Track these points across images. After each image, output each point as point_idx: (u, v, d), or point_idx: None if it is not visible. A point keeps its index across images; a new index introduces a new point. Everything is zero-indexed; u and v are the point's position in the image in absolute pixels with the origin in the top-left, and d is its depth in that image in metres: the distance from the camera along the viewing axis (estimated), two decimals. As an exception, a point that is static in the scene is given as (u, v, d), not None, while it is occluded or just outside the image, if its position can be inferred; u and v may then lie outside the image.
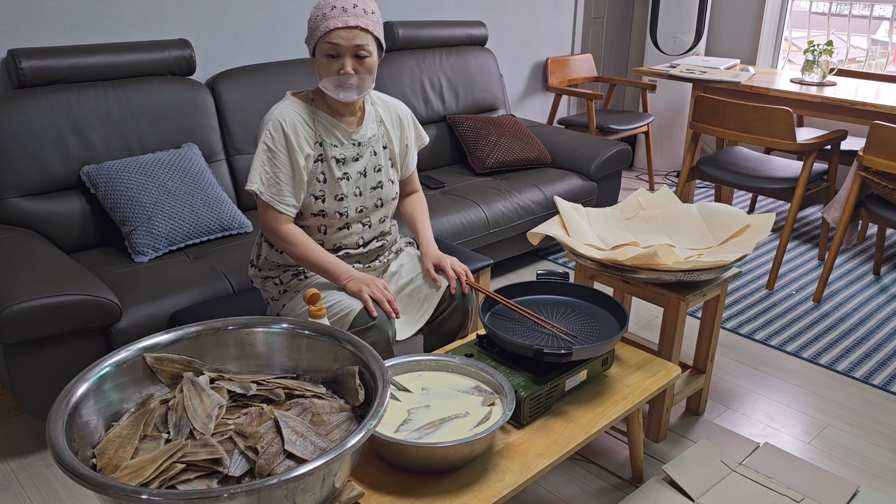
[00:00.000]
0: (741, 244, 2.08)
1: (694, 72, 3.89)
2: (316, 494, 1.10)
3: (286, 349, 1.40)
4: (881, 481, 2.06)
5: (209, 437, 1.15)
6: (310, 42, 1.82)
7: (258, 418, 1.20)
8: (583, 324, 1.82)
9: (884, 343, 2.76)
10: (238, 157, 2.92)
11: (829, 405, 2.41)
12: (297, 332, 1.40)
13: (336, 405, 1.29)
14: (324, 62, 1.80)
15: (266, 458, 1.12)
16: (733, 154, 3.55)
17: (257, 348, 1.40)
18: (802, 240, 3.76)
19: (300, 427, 1.19)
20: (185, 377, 1.28)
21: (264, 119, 1.86)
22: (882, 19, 4.72)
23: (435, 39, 3.67)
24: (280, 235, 1.85)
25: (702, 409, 2.32)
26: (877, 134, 2.77)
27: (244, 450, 1.14)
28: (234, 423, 1.20)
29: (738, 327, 2.88)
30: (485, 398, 1.56)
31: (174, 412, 1.21)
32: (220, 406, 1.23)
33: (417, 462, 1.43)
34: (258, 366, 1.40)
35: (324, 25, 1.76)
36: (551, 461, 1.50)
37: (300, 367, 1.40)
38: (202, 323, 1.39)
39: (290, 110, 1.85)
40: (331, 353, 1.37)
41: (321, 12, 1.77)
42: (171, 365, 1.32)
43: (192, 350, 1.36)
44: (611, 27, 5.10)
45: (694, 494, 1.94)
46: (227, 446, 1.15)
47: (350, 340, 1.35)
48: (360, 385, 1.29)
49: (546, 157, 3.53)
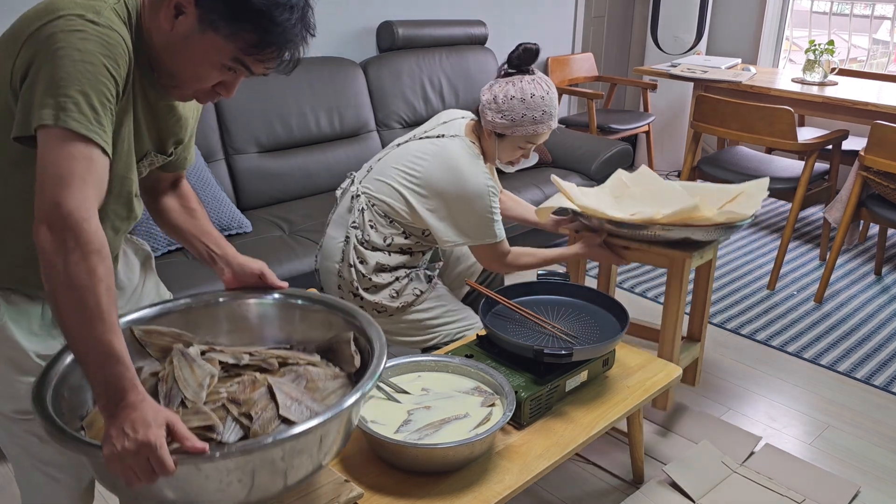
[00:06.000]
0: (746, 203, 2.09)
1: (695, 71, 3.88)
2: (313, 457, 1.07)
3: (279, 320, 1.36)
4: (882, 482, 2.05)
5: (201, 405, 1.11)
6: (508, 130, 1.91)
7: (251, 386, 1.16)
8: (583, 324, 1.82)
9: (885, 344, 2.76)
10: (237, 157, 2.92)
11: (831, 406, 2.40)
12: (289, 301, 1.36)
13: (331, 372, 1.25)
14: (511, 148, 1.95)
15: (261, 423, 1.09)
16: (734, 154, 3.55)
17: (249, 321, 1.36)
18: (804, 240, 3.76)
19: (295, 392, 1.16)
20: (175, 348, 1.23)
21: (476, 186, 1.90)
22: (883, 19, 4.71)
23: (435, 39, 3.66)
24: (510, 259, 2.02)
25: (697, 381, 2.33)
26: (878, 134, 2.77)
27: (238, 416, 1.10)
28: (227, 392, 1.16)
29: (739, 327, 2.87)
30: (485, 399, 1.56)
31: (164, 383, 1.16)
32: (212, 375, 1.18)
33: (417, 463, 1.43)
34: (251, 338, 1.36)
35: (534, 129, 1.91)
36: (552, 462, 1.50)
37: (294, 339, 1.36)
38: (191, 295, 1.34)
39: (489, 177, 1.94)
40: (325, 322, 1.33)
41: (532, 114, 1.88)
42: (161, 338, 1.27)
43: (181, 324, 1.31)
44: (611, 26, 5.10)
45: (695, 495, 1.93)
46: (219, 414, 1.11)
47: (343, 307, 1.32)
48: (355, 351, 1.26)
49: (546, 157, 3.53)
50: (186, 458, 0.96)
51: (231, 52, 1.09)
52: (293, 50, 1.13)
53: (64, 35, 1.01)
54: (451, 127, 2.01)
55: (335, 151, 3.20)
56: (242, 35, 1.07)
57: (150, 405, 0.98)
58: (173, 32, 1.09)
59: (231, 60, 1.10)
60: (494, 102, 1.89)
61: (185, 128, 1.31)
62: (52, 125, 0.98)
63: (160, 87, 1.18)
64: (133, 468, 0.95)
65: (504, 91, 1.88)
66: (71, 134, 0.98)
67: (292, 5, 1.09)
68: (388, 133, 3.41)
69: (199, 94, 1.18)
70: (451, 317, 2.05)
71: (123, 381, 0.98)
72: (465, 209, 1.91)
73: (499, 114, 1.88)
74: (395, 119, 3.45)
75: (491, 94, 1.90)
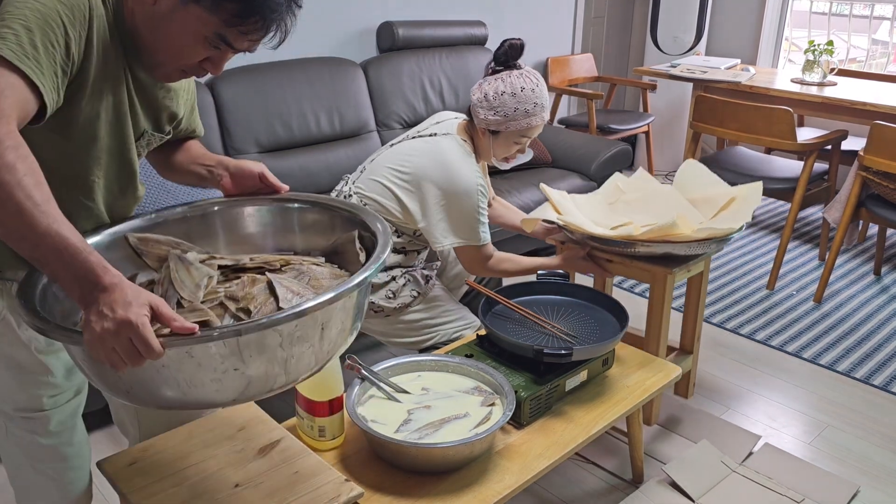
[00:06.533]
0: (737, 213, 2.07)
1: (694, 72, 3.89)
2: (315, 347, 0.99)
3: (279, 227, 1.29)
4: (882, 482, 2.05)
5: (198, 303, 1.05)
6: (501, 126, 1.90)
7: (250, 283, 1.10)
8: (583, 324, 1.82)
9: (884, 343, 2.76)
10: (237, 158, 2.91)
11: (830, 405, 2.40)
12: (287, 206, 1.30)
13: (334, 271, 1.19)
14: (506, 144, 1.95)
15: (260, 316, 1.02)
16: (734, 154, 3.55)
17: (248, 229, 1.29)
18: (803, 240, 3.76)
19: (296, 286, 1.08)
20: (172, 253, 1.16)
21: (465, 182, 1.90)
22: (882, 19, 4.71)
23: (435, 39, 3.67)
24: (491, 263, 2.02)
25: (690, 393, 2.31)
26: (877, 134, 2.77)
27: (235, 312, 1.04)
28: (226, 290, 1.08)
29: (738, 327, 2.87)
30: (485, 398, 1.56)
31: (160, 286, 1.11)
32: (210, 276, 1.11)
33: (417, 463, 1.43)
34: (252, 248, 1.28)
35: (527, 122, 1.90)
36: (551, 462, 1.50)
37: (297, 246, 1.28)
38: (186, 203, 1.27)
39: (479, 176, 1.93)
40: (327, 223, 1.26)
41: (524, 107, 1.88)
42: (157, 246, 1.20)
43: (177, 234, 1.25)
44: (611, 27, 5.10)
45: (694, 495, 1.94)
46: (217, 311, 1.04)
47: (343, 205, 1.27)
48: (360, 248, 1.20)
49: (546, 157, 3.53)
50: (174, 339, 0.89)
51: (214, 24, 1.06)
52: (279, 21, 1.09)
53: None
54: (443, 126, 2.02)
55: (335, 152, 3.20)
56: (225, 5, 1.04)
57: (129, 285, 0.91)
58: (156, 6, 1.07)
59: (214, 35, 1.08)
60: (486, 100, 1.89)
61: (176, 99, 1.28)
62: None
63: (145, 64, 1.16)
64: (116, 350, 0.88)
65: (494, 88, 1.89)
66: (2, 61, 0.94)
67: None
68: (388, 133, 3.42)
69: (185, 69, 1.15)
70: (448, 317, 2.05)
71: (90, 265, 0.90)
72: (453, 205, 1.91)
73: (491, 111, 1.89)
74: (395, 119, 3.45)
75: (481, 92, 1.91)
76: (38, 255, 0.91)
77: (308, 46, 3.32)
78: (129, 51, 1.14)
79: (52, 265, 0.91)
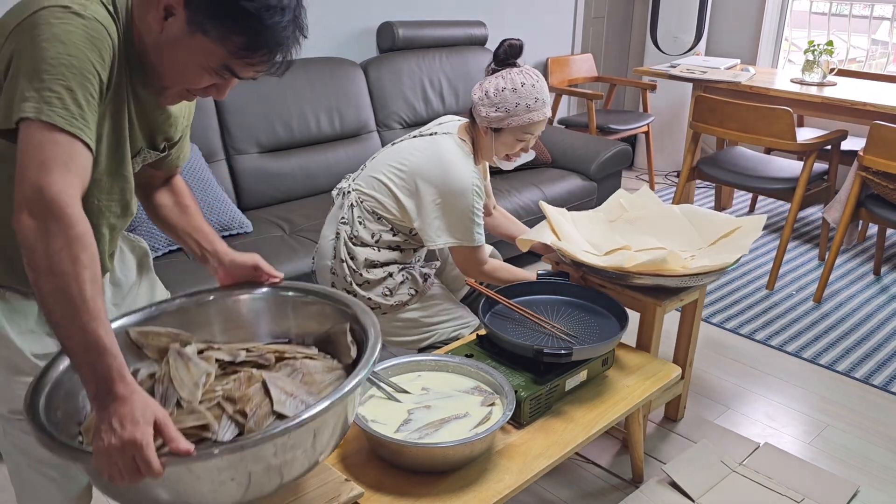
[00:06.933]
0: (736, 243, 2.03)
1: (694, 72, 3.89)
2: (308, 452, 1.06)
3: (272, 314, 1.34)
4: (881, 481, 2.06)
5: (196, 404, 1.10)
6: (503, 122, 1.90)
7: (247, 382, 1.15)
8: (583, 324, 1.82)
9: (884, 343, 2.76)
10: (238, 158, 2.92)
11: (830, 405, 2.41)
12: (280, 294, 1.34)
13: (327, 364, 1.24)
14: (508, 142, 1.95)
15: (255, 420, 1.07)
16: (733, 154, 3.55)
17: (243, 316, 1.34)
18: (803, 240, 3.76)
19: (289, 387, 1.14)
20: (172, 348, 1.21)
21: (461, 181, 1.90)
22: (882, 19, 4.72)
23: (435, 39, 3.67)
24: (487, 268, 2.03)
25: (680, 415, 2.29)
26: (877, 134, 2.77)
27: (233, 414, 1.09)
28: (223, 389, 1.14)
29: (738, 327, 2.87)
30: (485, 398, 1.56)
31: (160, 384, 1.15)
32: (208, 374, 1.17)
33: (417, 462, 1.43)
34: (247, 334, 1.34)
35: (528, 117, 1.90)
36: (551, 461, 1.50)
37: (292, 332, 1.34)
38: (183, 294, 1.32)
39: (477, 176, 1.94)
40: (319, 313, 1.32)
41: (525, 102, 1.88)
42: (158, 338, 1.24)
43: (175, 325, 1.29)
44: (611, 27, 5.10)
45: (694, 495, 1.94)
46: (215, 412, 1.09)
47: (335, 297, 1.31)
48: (352, 342, 1.24)
49: (546, 157, 3.53)
50: (174, 458, 0.94)
51: (220, 55, 1.07)
52: (285, 52, 1.10)
53: (48, 27, 0.99)
54: (445, 127, 2.03)
55: (335, 152, 3.20)
56: (232, 38, 1.05)
57: (140, 398, 0.96)
58: (163, 34, 1.08)
59: (220, 66, 1.08)
60: (486, 97, 1.90)
61: (176, 126, 1.30)
62: (35, 119, 0.96)
63: (149, 87, 1.17)
64: (118, 466, 0.93)
65: (494, 85, 1.89)
66: (55, 128, 0.97)
67: (283, 7, 1.06)
68: (388, 133, 3.42)
69: (190, 92, 1.16)
70: (446, 315, 2.06)
71: (111, 371, 0.95)
72: (448, 203, 1.91)
73: (492, 107, 1.90)
74: (395, 119, 3.45)
75: (482, 90, 1.92)
76: (68, 344, 0.96)
77: (308, 46, 3.30)
78: (135, 72, 1.14)
79: (77, 357, 0.96)
